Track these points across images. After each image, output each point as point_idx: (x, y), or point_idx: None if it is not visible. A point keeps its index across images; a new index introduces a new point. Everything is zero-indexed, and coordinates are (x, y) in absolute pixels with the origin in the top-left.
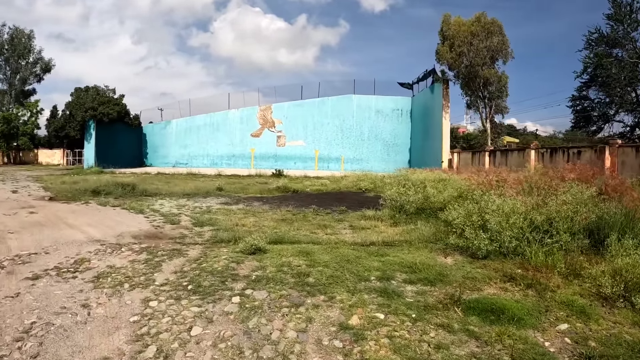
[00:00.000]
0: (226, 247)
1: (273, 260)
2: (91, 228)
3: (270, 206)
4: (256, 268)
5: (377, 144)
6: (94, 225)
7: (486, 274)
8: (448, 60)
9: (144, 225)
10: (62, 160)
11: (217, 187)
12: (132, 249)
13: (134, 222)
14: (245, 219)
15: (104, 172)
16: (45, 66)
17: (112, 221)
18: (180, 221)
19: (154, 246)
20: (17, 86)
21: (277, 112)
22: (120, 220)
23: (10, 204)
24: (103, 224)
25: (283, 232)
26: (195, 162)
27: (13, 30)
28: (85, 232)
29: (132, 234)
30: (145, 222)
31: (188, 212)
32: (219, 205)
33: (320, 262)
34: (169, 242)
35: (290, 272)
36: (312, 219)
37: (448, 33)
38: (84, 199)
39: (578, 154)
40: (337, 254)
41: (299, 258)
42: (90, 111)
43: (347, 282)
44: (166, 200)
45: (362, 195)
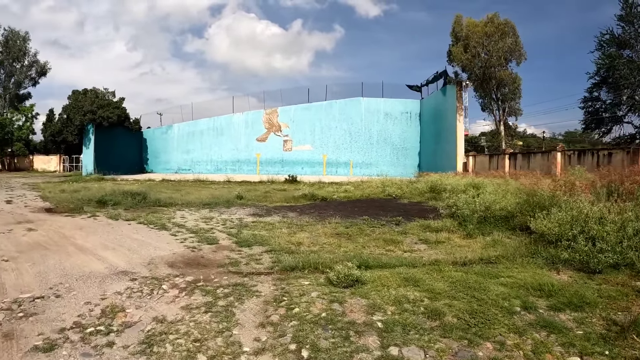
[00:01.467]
0: (303, 277)
1: (381, 295)
2: (109, 252)
3: (310, 217)
4: (370, 309)
5: (386, 147)
6: (111, 247)
7: (619, 291)
8: (463, 62)
9: (175, 246)
10: (58, 167)
11: (237, 195)
12: (176, 286)
13: (161, 242)
14: (295, 234)
15: (104, 179)
16: (40, 69)
17: (133, 241)
18: (218, 240)
19: (203, 279)
20: (11, 90)
21: (284, 116)
22: (142, 239)
23: (4, 217)
24: (122, 245)
25: (353, 251)
26: (198, 168)
27: (8, 32)
28: (103, 259)
29: (166, 260)
30: (176, 242)
31: (220, 226)
32: (251, 218)
33: (439, 292)
34: (221, 272)
35: (417, 310)
36: (371, 232)
37: (461, 34)
38: (89, 210)
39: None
40: (448, 279)
41: (409, 289)
42: (89, 115)
43: (497, 318)
44: (186, 212)
45: (396, 202)
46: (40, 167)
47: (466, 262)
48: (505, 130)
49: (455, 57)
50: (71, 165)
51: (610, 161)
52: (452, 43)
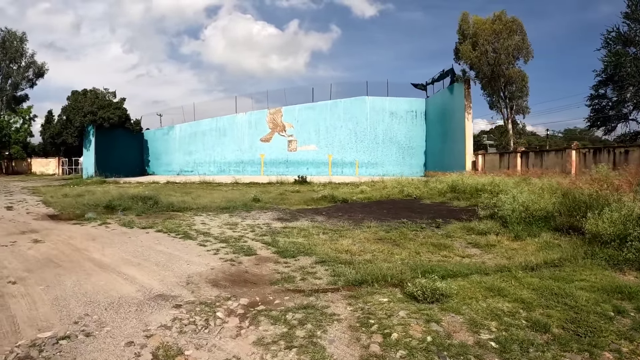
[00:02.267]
0: (377, 292)
1: (473, 308)
2: (135, 269)
3: (340, 221)
4: (471, 326)
5: (391, 147)
6: (135, 262)
7: None
8: (472, 60)
9: (209, 259)
10: (57, 170)
11: (253, 198)
12: (233, 312)
13: (191, 254)
14: (337, 241)
15: (106, 181)
16: (38, 70)
17: (159, 254)
18: (254, 250)
19: (261, 301)
20: (8, 91)
21: (288, 116)
22: (168, 251)
23: (5, 226)
24: (148, 259)
25: (410, 259)
26: (201, 170)
27: (4, 33)
28: (130, 278)
29: (206, 277)
30: (208, 254)
31: (250, 234)
32: (278, 223)
33: (528, 301)
34: (277, 290)
35: (520, 324)
36: (414, 236)
37: (468, 32)
38: (98, 217)
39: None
40: (528, 286)
41: (497, 299)
42: (90, 116)
43: (600, 325)
44: (205, 217)
45: (418, 203)
46: (39, 170)
47: (533, 266)
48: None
49: (464, 55)
50: (70, 168)
51: (627, 159)
52: (459, 41)
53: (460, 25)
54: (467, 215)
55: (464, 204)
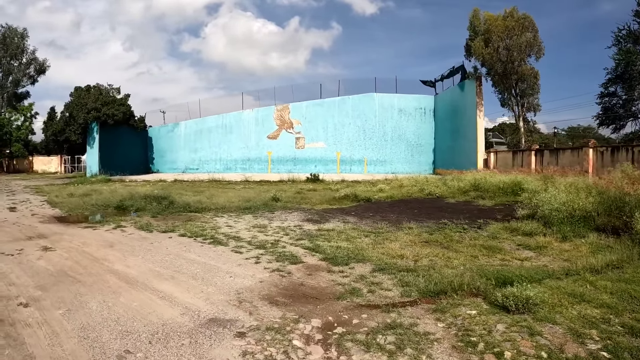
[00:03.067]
0: (460, 304)
1: (567, 317)
2: (170, 284)
3: (375, 222)
4: (575, 337)
5: (400, 144)
6: (167, 275)
7: None
8: (484, 56)
9: (252, 269)
10: (59, 168)
11: (272, 197)
12: (310, 339)
13: (229, 263)
14: (382, 245)
15: (111, 180)
16: (39, 67)
17: (191, 264)
18: (298, 257)
19: (336, 321)
20: (9, 88)
21: (295, 112)
22: (201, 260)
23: (9, 230)
24: (181, 271)
25: (469, 263)
26: (206, 167)
27: (5, 29)
28: (168, 297)
29: (258, 292)
30: (249, 264)
31: (285, 237)
32: (310, 225)
33: (614, 306)
34: (347, 306)
35: (619, 330)
36: (460, 238)
37: (480, 28)
38: (111, 219)
39: None
40: (605, 290)
41: (584, 306)
42: (94, 112)
43: None
44: (228, 219)
45: (444, 202)
46: (40, 169)
47: (597, 269)
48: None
49: (476, 52)
50: (72, 166)
51: None
52: (470, 37)
53: (471, 22)
54: (501, 215)
55: (490, 203)
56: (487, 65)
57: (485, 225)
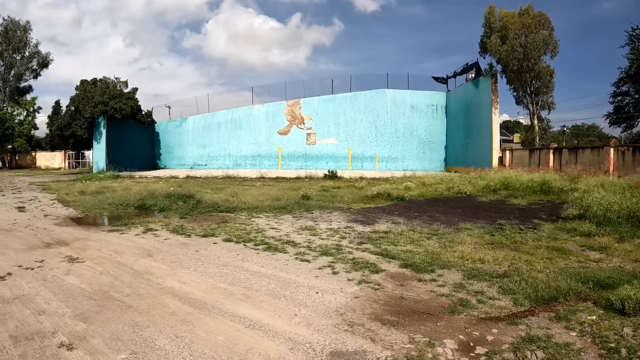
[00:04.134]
0: (576, 310)
1: None
2: (247, 305)
3: (427, 222)
4: None
5: (412, 141)
6: (239, 294)
7: None
8: (501, 53)
9: (335, 282)
10: (63, 164)
11: (303, 195)
12: None
13: (305, 275)
14: (452, 248)
15: (120, 176)
16: (42, 61)
17: (259, 277)
18: (376, 264)
19: (470, 341)
20: (11, 82)
21: (306, 108)
22: (268, 272)
23: (22, 235)
24: (252, 287)
25: (551, 266)
26: (215, 163)
27: (7, 22)
28: (256, 324)
29: (361, 311)
30: (328, 275)
31: (344, 241)
32: (360, 226)
33: None
34: (469, 321)
35: None
36: (522, 240)
37: (495, 25)
38: (137, 221)
39: None
40: None
41: None
42: (101, 106)
43: None
44: (267, 220)
45: (478, 201)
46: (44, 164)
47: None
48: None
49: (492, 49)
50: (76, 161)
51: None
52: (485, 34)
53: (486, 18)
54: (545, 215)
55: (524, 202)
56: (503, 63)
57: (538, 225)
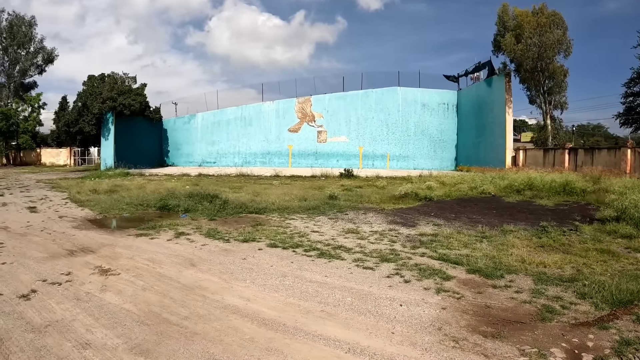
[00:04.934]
0: None
1: None
2: (332, 325)
3: (468, 224)
4: None
5: (423, 140)
6: (315, 311)
7: None
8: (516, 52)
9: (411, 292)
10: (68, 160)
11: (330, 195)
12: None
13: (376, 285)
14: (505, 251)
15: (130, 173)
16: (47, 56)
17: (328, 288)
18: (442, 271)
19: (575, 349)
20: (16, 78)
21: (317, 105)
22: (334, 282)
23: (39, 240)
24: (325, 301)
25: (610, 269)
26: (224, 161)
27: (12, 17)
28: (357, 349)
29: (455, 323)
30: (399, 284)
31: (396, 245)
32: (403, 228)
33: None
34: (565, 328)
35: None
36: (568, 241)
37: (509, 24)
38: (163, 224)
39: None
40: None
41: None
42: (109, 102)
43: None
44: (303, 222)
45: (506, 201)
46: (49, 161)
47: None
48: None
49: (507, 47)
50: (82, 158)
51: None
52: (498, 33)
53: (500, 17)
54: (578, 216)
55: (551, 203)
56: (517, 62)
57: (578, 227)
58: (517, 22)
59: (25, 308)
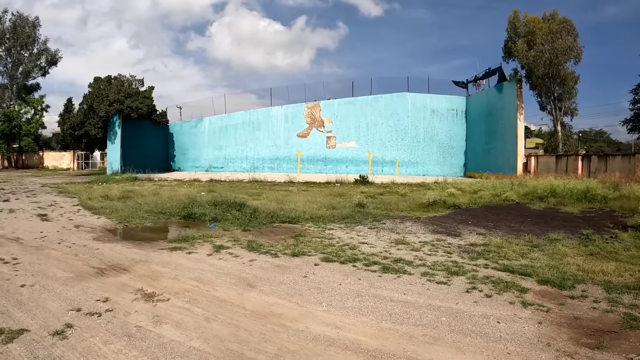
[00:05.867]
0: None
1: None
2: (447, 351)
3: (509, 232)
4: None
5: (432, 146)
6: (414, 334)
7: None
8: (528, 58)
9: (499, 307)
10: (71, 164)
11: (357, 203)
12: None
13: (463, 302)
14: (560, 260)
15: (138, 178)
16: (51, 58)
17: (415, 308)
18: (515, 283)
19: None
20: (19, 80)
21: (326, 110)
22: (417, 300)
23: (59, 255)
24: (425, 323)
25: None
26: (232, 166)
27: (16, 18)
28: None
29: (564, 339)
30: (482, 299)
31: (454, 257)
32: (451, 238)
33: None
34: None
35: None
36: (613, 249)
37: (521, 30)
38: (195, 235)
39: None
40: None
41: None
42: (116, 105)
43: None
44: (344, 232)
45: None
46: (51, 165)
47: None
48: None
49: (519, 54)
50: (85, 162)
51: None
52: (509, 39)
53: (511, 23)
54: (611, 223)
55: (576, 210)
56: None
57: (617, 235)
58: (529, 28)
59: (64, 351)
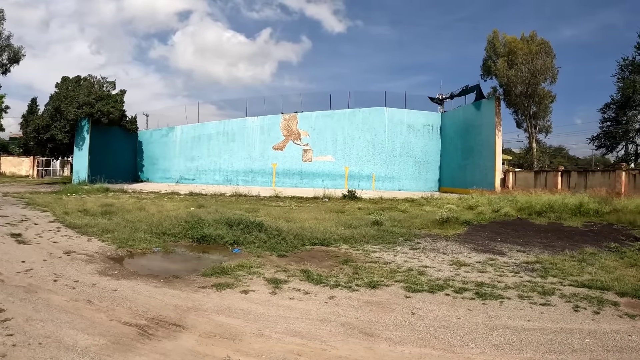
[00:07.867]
0: None
1: None
2: None
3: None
4: None
5: (408, 161)
6: None
7: None
8: (508, 77)
9: (613, 322)
10: (31, 171)
11: (373, 221)
12: None
13: (579, 322)
14: (614, 274)
15: (109, 189)
16: (13, 55)
17: (566, 334)
18: (605, 299)
19: None
20: None
21: (304, 123)
22: (549, 326)
23: (63, 301)
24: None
25: None
26: (204, 178)
27: None
28: None
29: None
30: (587, 318)
31: (524, 276)
32: (499, 257)
33: None
34: None
35: None
36: None
37: (500, 49)
38: (232, 266)
39: None
40: None
41: None
42: (86, 108)
43: None
44: (389, 254)
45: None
46: (9, 171)
47: None
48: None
49: (500, 73)
50: (46, 169)
51: None
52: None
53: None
54: (622, 236)
55: (579, 224)
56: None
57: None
58: (509, 48)
59: None
